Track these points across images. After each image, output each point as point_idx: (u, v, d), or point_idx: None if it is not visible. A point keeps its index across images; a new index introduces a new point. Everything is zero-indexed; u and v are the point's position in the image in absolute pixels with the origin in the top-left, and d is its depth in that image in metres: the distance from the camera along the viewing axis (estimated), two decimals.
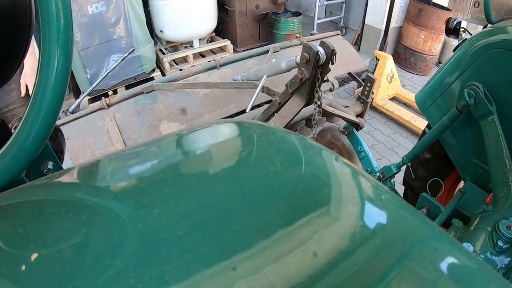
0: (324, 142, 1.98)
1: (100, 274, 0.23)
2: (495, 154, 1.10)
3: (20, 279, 0.23)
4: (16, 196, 0.32)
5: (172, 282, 0.23)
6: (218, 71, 1.86)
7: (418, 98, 1.43)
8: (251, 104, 1.46)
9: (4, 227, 0.28)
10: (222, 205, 0.29)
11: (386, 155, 3.05)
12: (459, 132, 1.33)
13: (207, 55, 4.22)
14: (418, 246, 0.30)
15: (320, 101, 1.26)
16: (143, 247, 0.24)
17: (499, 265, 0.95)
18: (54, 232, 0.27)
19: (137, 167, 0.36)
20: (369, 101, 1.81)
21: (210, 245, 0.25)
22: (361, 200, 0.33)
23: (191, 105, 1.67)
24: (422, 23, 4.20)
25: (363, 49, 4.90)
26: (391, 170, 1.41)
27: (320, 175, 0.35)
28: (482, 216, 1.05)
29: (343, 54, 2.21)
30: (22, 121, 0.33)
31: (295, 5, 6.42)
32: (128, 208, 0.28)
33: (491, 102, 1.11)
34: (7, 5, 0.36)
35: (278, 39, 4.56)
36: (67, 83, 0.33)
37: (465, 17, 3.40)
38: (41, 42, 0.31)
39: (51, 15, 0.30)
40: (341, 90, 3.95)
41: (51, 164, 0.42)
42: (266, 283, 0.23)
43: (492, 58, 1.14)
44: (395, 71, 3.67)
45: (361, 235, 0.28)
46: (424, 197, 1.27)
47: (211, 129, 0.42)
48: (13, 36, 0.38)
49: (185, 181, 0.33)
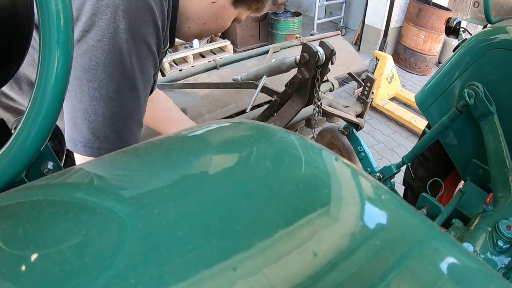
0: (324, 142, 1.98)
1: (100, 274, 0.23)
2: (495, 154, 1.10)
3: (20, 280, 0.23)
4: (16, 196, 0.32)
5: (172, 282, 0.23)
6: (218, 71, 1.86)
7: (418, 98, 1.44)
8: (251, 104, 1.46)
9: (4, 227, 0.28)
10: (222, 205, 0.29)
11: (386, 155, 3.05)
12: (459, 132, 1.33)
13: (207, 55, 4.22)
14: (418, 246, 0.30)
15: (320, 101, 1.26)
16: (143, 248, 0.24)
17: (499, 265, 0.95)
18: (54, 232, 0.27)
19: (137, 167, 0.36)
20: (369, 101, 1.81)
21: (210, 245, 0.25)
22: (361, 200, 0.33)
23: (191, 105, 1.67)
24: (422, 23, 4.21)
25: (363, 49, 4.90)
26: (391, 170, 1.41)
27: (320, 175, 0.35)
28: (482, 216, 1.06)
29: (343, 54, 2.21)
30: (22, 121, 0.33)
31: (295, 5, 6.42)
32: (128, 208, 0.28)
33: (491, 102, 1.12)
34: (7, 5, 0.36)
35: (278, 39, 4.57)
36: (67, 83, 0.33)
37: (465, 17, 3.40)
38: (41, 42, 0.31)
39: (51, 15, 0.30)
40: (341, 90, 3.95)
41: (51, 164, 0.42)
42: (266, 283, 0.23)
43: (492, 58, 1.14)
44: (395, 71, 3.67)
45: (361, 235, 0.28)
46: (424, 197, 1.27)
47: (211, 129, 0.42)
48: (13, 36, 0.38)
49: (185, 181, 0.33)
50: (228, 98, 1.76)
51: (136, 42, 0.60)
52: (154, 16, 0.62)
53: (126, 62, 0.60)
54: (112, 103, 0.61)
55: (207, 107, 1.70)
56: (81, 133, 0.62)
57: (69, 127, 0.63)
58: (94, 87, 0.59)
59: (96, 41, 0.57)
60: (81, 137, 0.62)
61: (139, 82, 0.64)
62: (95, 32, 0.57)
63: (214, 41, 4.43)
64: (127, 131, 0.66)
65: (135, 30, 0.59)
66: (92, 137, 0.62)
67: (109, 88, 0.60)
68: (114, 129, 0.63)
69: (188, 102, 1.68)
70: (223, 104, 1.75)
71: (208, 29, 0.82)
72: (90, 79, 0.58)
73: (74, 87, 0.59)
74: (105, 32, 0.57)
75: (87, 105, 0.60)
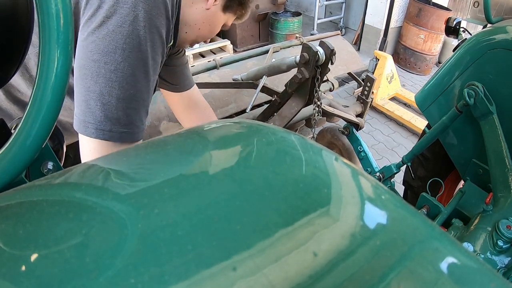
0: (324, 142, 1.98)
1: (100, 274, 0.23)
2: (495, 154, 1.11)
3: (20, 280, 0.23)
4: (16, 196, 0.32)
5: (172, 282, 0.23)
6: (218, 71, 1.86)
7: (418, 98, 1.44)
8: (251, 104, 1.46)
9: (4, 227, 0.28)
10: (222, 205, 0.29)
11: (386, 155, 3.05)
12: (459, 132, 1.33)
13: (207, 55, 4.22)
14: (418, 246, 0.30)
15: (320, 101, 1.26)
16: (143, 247, 0.24)
17: (499, 265, 0.95)
18: (54, 232, 0.27)
19: (136, 167, 0.36)
20: (369, 101, 1.81)
21: (210, 245, 0.25)
22: (361, 200, 0.33)
23: None
24: (422, 23, 4.21)
25: (363, 49, 4.90)
26: (391, 170, 1.41)
27: (320, 175, 0.35)
28: (482, 216, 1.06)
29: (343, 54, 2.21)
30: (22, 121, 0.33)
31: (295, 5, 6.42)
32: (128, 208, 0.28)
33: (491, 102, 1.12)
34: (7, 5, 0.36)
35: (278, 39, 4.57)
36: (67, 83, 0.33)
37: (465, 17, 3.40)
38: (40, 42, 0.31)
39: (51, 15, 0.30)
40: (341, 90, 3.95)
41: (51, 164, 0.42)
42: (266, 283, 0.23)
43: (492, 58, 1.14)
44: (395, 71, 3.67)
45: (361, 235, 0.28)
46: (424, 197, 1.27)
47: (210, 129, 0.42)
48: (13, 36, 0.38)
49: (185, 181, 0.33)
50: (228, 98, 1.76)
51: (152, 31, 0.65)
52: (167, 10, 0.67)
53: (142, 48, 0.64)
54: (127, 86, 0.64)
55: None
56: (93, 115, 0.64)
57: (81, 109, 0.64)
58: (111, 70, 0.62)
59: (117, 26, 0.61)
60: (93, 119, 0.64)
61: (150, 69, 0.68)
62: (116, 18, 0.61)
63: (214, 41, 4.43)
64: (138, 116, 0.69)
65: (151, 20, 0.64)
66: (104, 119, 0.64)
67: (125, 71, 0.63)
68: (126, 112, 0.66)
69: None
70: (223, 104, 1.75)
71: (202, 35, 0.90)
72: (108, 61, 0.61)
73: (90, 69, 0.62)
74: (125, 18, 0.61)
75: (102, 87, 0.62)
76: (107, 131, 0.65)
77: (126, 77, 0.63)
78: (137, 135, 0.70)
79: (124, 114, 0.65)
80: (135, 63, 0.64)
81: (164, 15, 0.67)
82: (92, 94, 0.62)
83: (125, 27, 0.61)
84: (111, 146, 0.66)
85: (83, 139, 0.66)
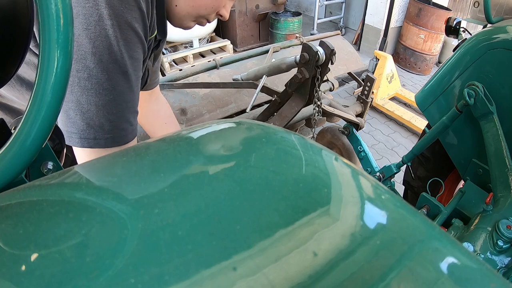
0: (324, 142, 1.98)
1: (100, 274, 0.23)
2: (495, 154, 1.11)
3: (20, 280, 0.23)
4: (16, 196, 0.32)
5: (172, 282, 0.23)
6: (218, 71, 1.86)
7: (418, 98, 1.44)
8: (251, 104, 1.46)
9: (4, 227, 0.28)
10: (222, 205, 0.29)
11: (386, 155, 3.05)
12: (459, 132, 1.33)
13: (207, 55, 4.22)
14: (418, 246, 0.30)
15: (320, 101, 1.26)
16: (143, 247, 0.24)
17: (499, 265, 0.95)
18: (54, 232, 0.27)
19: (136, 167, 0.36)
20: (369, 101, 1.81)
21: (210, 245, 0.25)
22: (361, 200, 0.33)
23: (191, 105, 1.67)
24: (422, 23, 4.21)
25: (363, 49, 4.90)
26: (391, 170, 1.41)
27: (320, 175, 0.35)
28: (482, 216, 1.06)
29: (343, 54, 2.21)
30: (22, 121, 0.33)
31: (295, 5, 6.42)
32: (128, 208, 0.28)
33: (491, 102, 1.12)
34: (7, 5, 0.36)
35: (278, 39, 4.57)
36: (67, 83, 0.33)
37: (465, 17, 3.39)
38: (40, 42, 0.31)
39: (51, 15, 0.30)
40: (341, 90, 3.95)
41: (51, 164, 0.42)
42: (266, 283, 0.23)
43: (492, 58, 1.14)
44: (395, 71, 3.67)
45: (361, 235, 0.28)
46: (424, 197, 1.27)
47: (210, 129, 0.42)
48: (13, 36, 0.38)
49: (185, 181, 0.33)
50: (228, 98, 1.76)
51: (122, 28, 0.59)
52: (137, 1, 0.61)
53: (114, 48, 0.59)
54: (104, 92, 0.60)
55: (207, 107, 1.70)
56: (75, 125, 0.61)
57: (63, 120, 0.62)
58: (84, 77, 0.58)
59: (82, 29, 0.56)
60: (76, 129, 0.61)
61: (129, 68, 0.63)
62: (80, 21, 0.56)
63: (214, 40, 4.43)
64: (123, 119, 0.65)
65: (119, 15, 0.58)
66: (86, 128, 0.61)
67: (100, 77, 0.59)
68: (109, 118, 0.62)
69: (188, 101, 1.68)
70: (223, 104, 1.75)
71: (198, 6, 0.75)
72: (80, 69, 0.58)
73: None
74: (89, 20, 0.56)
75: (79, 96, 0.59)
76: (91, 139, 0.62)
77: (101, 83, 0.59)
78: (125, 138, 0.67)
79: (106, 120, 0.62)
80: (109, 67, 0.59)
81: (135, 6, 0.60)
82: (70, 104, 0.60)
83: (91, 29, 0.56)
84: (99, 152, 0.64)
85: (75, 150, 0.64)
